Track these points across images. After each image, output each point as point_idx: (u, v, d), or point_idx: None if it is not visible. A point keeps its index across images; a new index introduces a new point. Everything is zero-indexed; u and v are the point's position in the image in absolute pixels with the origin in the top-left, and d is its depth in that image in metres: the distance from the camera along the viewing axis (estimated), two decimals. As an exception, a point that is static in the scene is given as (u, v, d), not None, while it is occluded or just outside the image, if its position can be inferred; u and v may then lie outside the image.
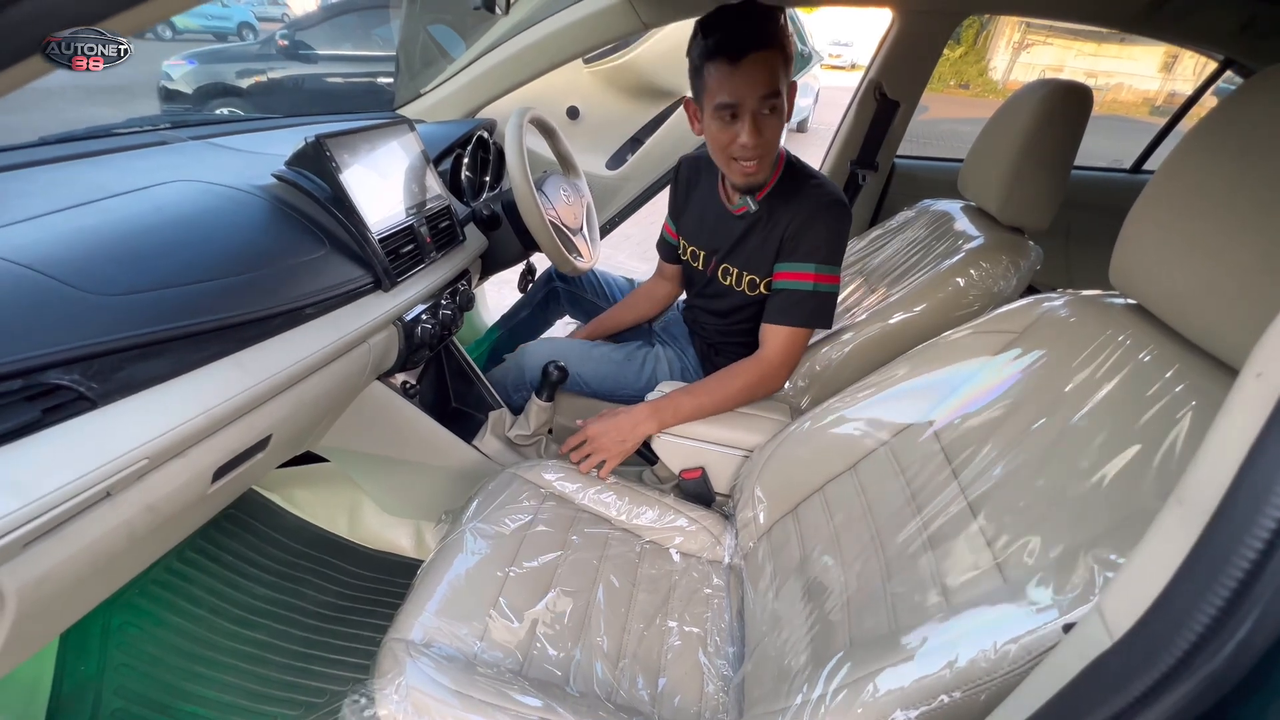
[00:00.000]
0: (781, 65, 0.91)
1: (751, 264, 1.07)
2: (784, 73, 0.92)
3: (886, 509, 0.75)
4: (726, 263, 1.10)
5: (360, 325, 0.82)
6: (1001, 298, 1.00)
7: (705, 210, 1.14)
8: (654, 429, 1.01)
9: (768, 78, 0.90)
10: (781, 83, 0.92)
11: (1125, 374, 0.59)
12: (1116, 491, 0.52)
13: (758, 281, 1.07)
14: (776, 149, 0.99)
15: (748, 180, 0.99)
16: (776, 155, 1.00)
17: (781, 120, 0.95)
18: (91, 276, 0.57)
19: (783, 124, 0.95)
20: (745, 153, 0.94)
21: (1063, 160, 0.98)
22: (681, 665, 0.78)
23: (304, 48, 4.27)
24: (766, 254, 1.04)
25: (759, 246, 1.05)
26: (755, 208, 1.03)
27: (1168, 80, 14.77)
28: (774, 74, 0.90)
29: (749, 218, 1.05)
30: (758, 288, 1.07)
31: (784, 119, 0.95)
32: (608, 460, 1.00)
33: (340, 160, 0.84)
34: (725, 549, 0.94)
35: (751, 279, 1.08)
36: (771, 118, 0.93)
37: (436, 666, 0.66)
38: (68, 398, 0.52)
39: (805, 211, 0.99)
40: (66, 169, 0.78)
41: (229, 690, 0.94)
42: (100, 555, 0.58)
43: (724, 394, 1.01)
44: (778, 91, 0.91)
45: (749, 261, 1.07)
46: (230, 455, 0.68)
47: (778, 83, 0.91)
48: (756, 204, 1.03)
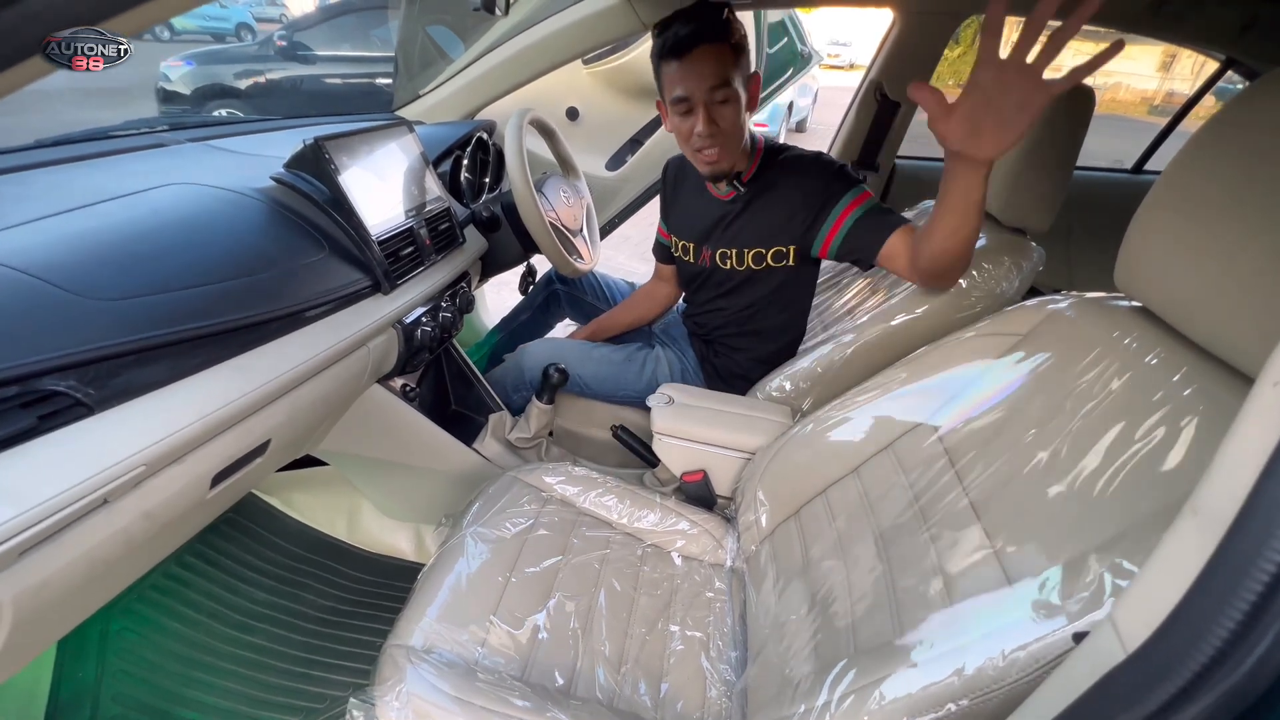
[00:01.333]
0: (731, 57, 0.94)
1: (752, 240, 1.08)
2: (736, 64, 0.95)
3: (890, 512, 0.74)
4: (723, 247, 1.12)
5: (360, 328, 0.81)
6: (1004, 299, 1.00)
7: (692, 204, 1.16)
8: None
9: (715, 70, 0.93)
10: (733, 74, 0.95)
11: (1131, 377, 0.58)
12: (1124, 496, 0.51)
13: (764, 254, 1.08)
14: (738, 136, 1.00)
15: (712, 169, 1.02)
16: (742, 142, 1.02)
17: (738, 109, 0.97)
18: (88, 281, 0.57)
19: (739, 112, 0.98)
20: (702, 142, 0.98)
21: (1065, 162, 0.98)
22: (684, 670, 0.78)
23: (302, 48, 4.26)
24: (768, 224, 1.06)
25: (754, 219, 1.07)
26: (744, 189, 1.07)
27: (1166, 80, 14.77)
28: (722, 66, 0.93)
29: (740, 200, 1.08)
30: (764, 260, 1.09)
31: (741, 107, 0.98)
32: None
33: (339, 162, 0.83)
34: (727, 552, 0.94)
35: (757, 252, 1.09)
36: (725, 107, 0.96)
37: (437, 673, 0.65)
38: (64, 404, 0.51)
39: (801, 172, 1.03)
40: (63, 172, 0.77)
41: (228, 696, 0.94)
42: (97, 563, 0.57)
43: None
44: (728, 82, 0.94)
45: (748, 238, 1.09)
46: (228, 461, 0.67)
47: (727, 74, 0.94)
48: (744, 186, 1.06)
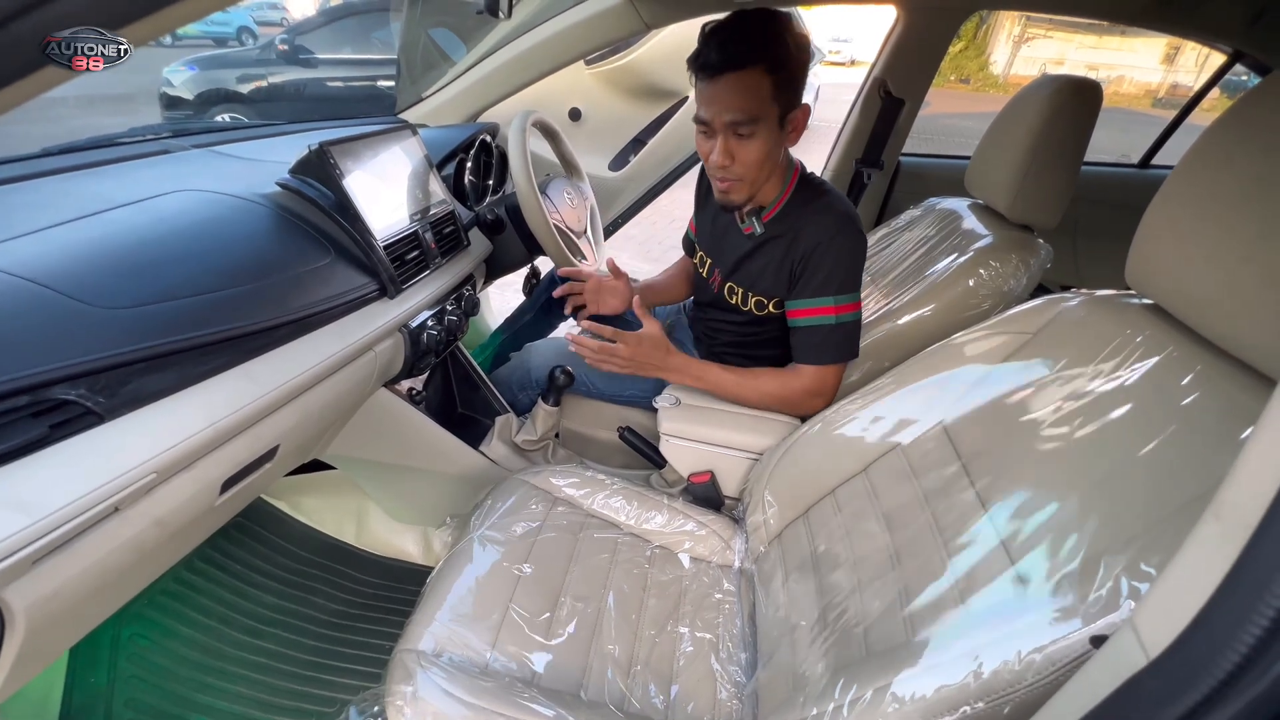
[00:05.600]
0: (768, 88, 0.83)
1: (758, 286, 1.02)
2: (773, 96, 0.84)
3: (900, 512, 0.74)
4: (732, 281, 1.05)
5: (366, 333, 0.82)
6: (1012, 297, 0.99)
7: (718, 219, 1.09)
8: (673, 378, 1.02)
9: (740, 102, 0.83)
10: (765, 107, 0.84)
11: (1145, 376, 0.58)
12: (1138, 497, 0.51)
13: (765, 303, 1.02)
14: (757, 174, 0.91)
15: (723, 199, 0.96)
16: (763, 179, 0.93)
17: (763, 146, 0.87)
18: (96, 290, 0.57)
19: (765, 149, 0.88)
20: (715, 171, 0.91)
21: (1072, 157, 0.97)
22: (694, 672, 0.77)
23: (304, 52, 4.27)
24: (775, 278, 0.99)
25: (765, 269, 1.00)
26: (761, 230, 0.98)
27: (1170, 72, 14.70)
28: (750, 98, 0.83)
29: (755, 239, 0.99)
30: (765, 308, 1.03)
31: (769, 144, 0.87)
32: (617, 365, 0.99)
33: (344, 167, 0.83)
34: (736, 553, 0.93)
35: (759, 300, 1.03)
36: (746, 143, 0.87)
37: (448, 677, 0.65)
38: (75, 413, 0.52)
39: (814, 238, 0.92)
40: (70, 180, 0.77)
41: (239, 701, 0.94)
42: (109, 571, 0.58)
43: (753, 390, 0.99)
44: (754, 118, 0.84)
45: (755, 283, 1.02)
46: (238, 467, 0.68)
47: (755, 108, 0.84)
48: (763, 226, 0.98)
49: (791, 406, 1.00)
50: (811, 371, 0.97)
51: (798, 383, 0.98)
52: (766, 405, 1.01)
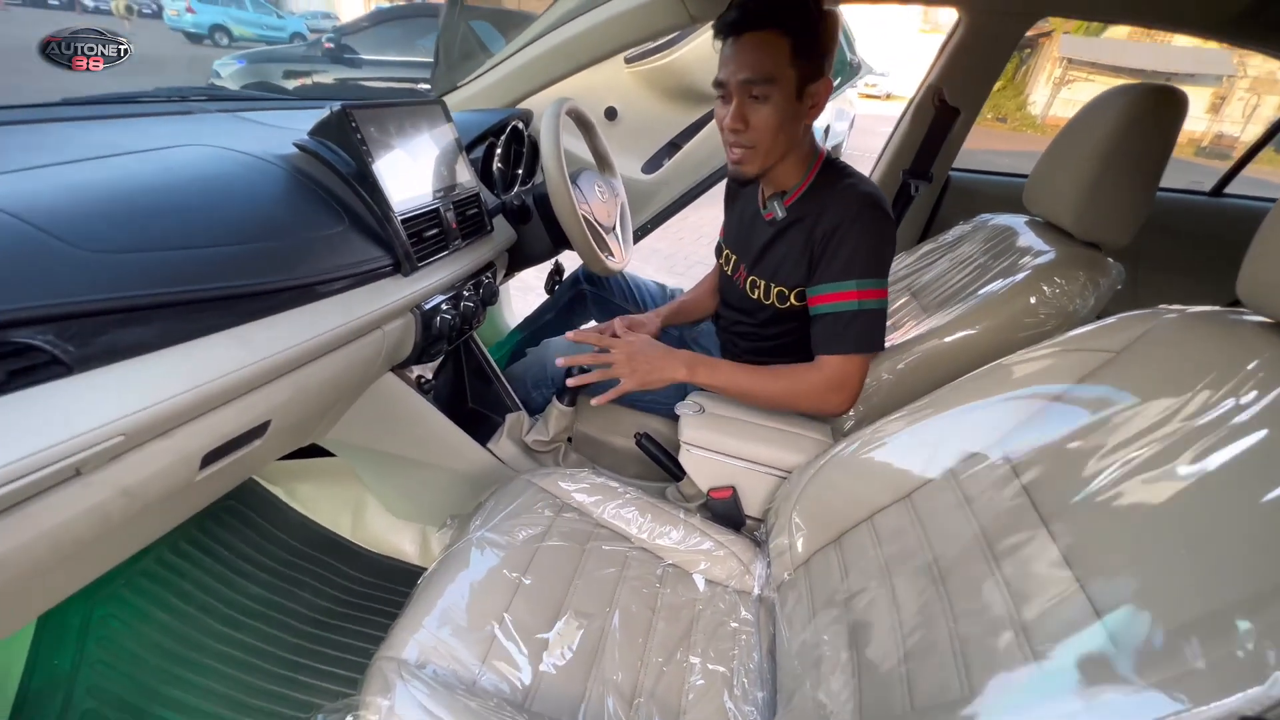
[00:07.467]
0: (787, 51, 0.81)
1: (779, 275, 0.97)
2: (792, 60, 0.82)
3: (950, 546, 0.65)
4: (755, 274, 1.01)
5: (375, 309, 0.76)
6: (1076, 318, 0.90)
7: (744, 212, 1.06)
8: (683, 377, 0.94)
9: (756, 61, 0.82)
10: (782, 70, 0.82)
11: (1263, 406, 0.49)
12: (1268, 545, 0.42)
13: (787, 293, 0.97)
14: (772, 142, 0.88)
15: (735, 169, 0.92)
16: (778, 150, 0.89)
17: (777, 113, 0.84)
18: (83, 231, 0.52)
19: (779, 116, 0.85)
20: (728, 136, 0.89)
21: (1151, 169, 0.89)
22: (704, 708, 0.69)
23: (349, 51, 4.36)
24: (796, 264, 0.94)
25: (786, 256, 0.95)
26: (783, 214, 0.94)
27: (1214, 122, 14.41)
28: (767, 59, 0.82)
29: (777, 224, 0.95)
30: (788, 299, 0.97)
31: (784, 111, 0.85)
32: (623, 382, 0.93)
33: (366, 133, 0.79)
34: (756, 579, 0.85)
35: (780, 290, 0.97)
36: (761, 105, 0.84)
37: (429, 692, 0.58)
38: (39, 360, 0.46)
39: (835, 218, 0.88)
40: (82, 128, 0.74)
41: (209, 697, 0.87)
42: (66, 541, 0.52)
43: (771, 387, 0.92)
44: (771, 79, 0.82)
45: (776, 272, 0.97)
46: (222, 439, 0.62)
47: (772, 70, 0.82)
48: (785, 210, 0.94)
49: (809, 402, 0.91)
50: (831, 363, 0.89)
51: (817, 375, 0.90)
52: (782, 401, 0.93)
